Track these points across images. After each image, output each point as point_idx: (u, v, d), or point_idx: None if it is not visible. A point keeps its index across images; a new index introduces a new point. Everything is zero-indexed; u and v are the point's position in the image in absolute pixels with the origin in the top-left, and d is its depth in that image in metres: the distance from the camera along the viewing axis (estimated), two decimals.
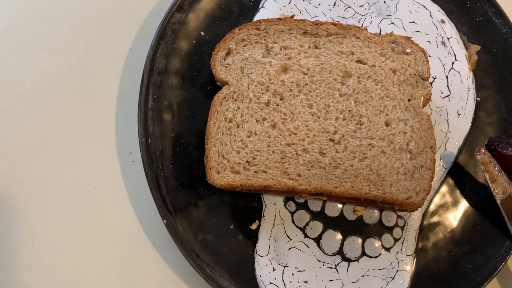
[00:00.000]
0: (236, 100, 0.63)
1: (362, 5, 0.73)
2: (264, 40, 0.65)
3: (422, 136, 0.63)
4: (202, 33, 0.69)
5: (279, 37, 0.65)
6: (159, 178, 0.63)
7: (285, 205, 0.65)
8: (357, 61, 0.65)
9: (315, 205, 0.66)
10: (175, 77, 0.66)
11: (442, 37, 0.73)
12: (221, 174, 0.61)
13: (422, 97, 0.64)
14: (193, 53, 0.68)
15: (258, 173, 0.61)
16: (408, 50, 0.65)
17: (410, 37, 0.67)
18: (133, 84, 0.69)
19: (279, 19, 0.66)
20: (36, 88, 0.69)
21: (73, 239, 0.65)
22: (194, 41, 0.68)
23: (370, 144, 0.63)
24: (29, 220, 0.65)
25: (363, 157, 0.62)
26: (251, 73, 0.64)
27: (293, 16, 0.67)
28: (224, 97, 0.63)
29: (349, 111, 0.63)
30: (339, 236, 0.65)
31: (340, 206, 0.66)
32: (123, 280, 0.64)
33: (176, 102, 0.66)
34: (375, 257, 0.65)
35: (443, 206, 0.68)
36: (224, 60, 0.65)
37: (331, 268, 0.64)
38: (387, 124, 0.64)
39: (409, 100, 0.65)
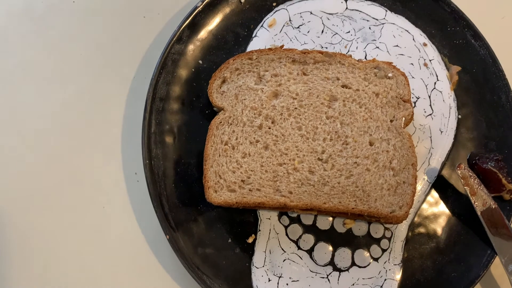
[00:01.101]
0: (231, 124, 0.66)
1: (349, 32, 0.75)
2: (256, 68, 0.68)
3: (404, 154, 0.66)
4: (200, 61, 0.72)
5: (270, 66, 0.68)
6: (162, 197, 0.66)
7: (279, 220, 0.68)
8: (342, 86, 0.68)
9: (307, 219, 0.68)
10: (175, 102, 0.70)
11: (424, 59, 0.75)
12: (218, 193, 0.64)
13: (404, 118, 0.67)
14: (192, 80, 0.71)
15: (253, 191, 0.64)
16: (390, 74, 0.68)
17: (392, 62, 0.69)
18: (136, 110, 0.72)
19: (270, 49, 0.69)
20: (47, 114, 0.73)
21: (83, 254, 0.68)
22: (193, 69, 0.71)
23: (356, 162, 0.66)
24: (42, 237, 0.68)
25: (349, 175, 0.65)
26: (244, 99, 0.67)
27: (282, 46, 0.70)
28: (220, 122, 0.66)
29: (336, 132, 0.66)
30: (330, 248, 0.68)
31: (330, 219, 0.69)
32: None
33: (177, 126, 0.69)
34: (364, 266, 0.67)
35: (428, 218, 0.70)
36: (220, 88, 0.68)
37: (323, 278, 0.66)
38: (371, 144, 0.66)
39: (391, 121, 0.67)
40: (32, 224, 0.69)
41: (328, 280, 0.67)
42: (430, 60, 0.76)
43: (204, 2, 0.72)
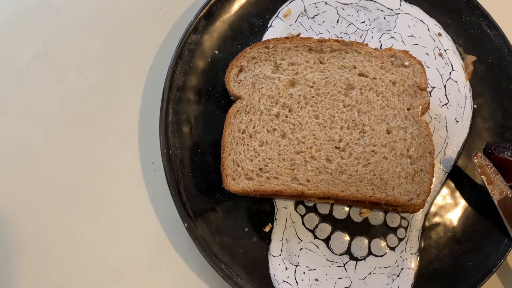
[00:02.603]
0: (248, 112, 0.67)
1: (364, 22, 0.76)
2: (273, 57, 0.69)
3: (421, 142, 0.66)
4: (216, 51, 0.72)
5: (287, 54, 0.68)
6: (179, 186, 0.66)
7: (295, 209, 0.68)
8: (359, 74, 0.68)
9: (324, 208, 0.69)
10: (192, 92, 0.70)
11: (439, 49, 0.76)
12: (236, 181, 0.64)
13: (421, 106, 0.67)
14: (208, 70, 0.71)
15: (270, 179, 0.64)
16: (406, 63, 0.68)
17: (408, 51, 0.69)
18: (153, 100, 0.73)
19: (286, 37, 0.69)
20: (65, 104, 0.73)
21: (102, 242, 0.69)
22: (209, 59, 0.72)
23: (373, 150, 0.66)
24: (61, 225, 0.69)
25: (367, 163, 0.65)
26: (261, 88, 0.68)
27: (299, 34, 0.70)
28: (238, 110, 0.67)
29: (353, 120, 0.67)
30: (346, 237, 0.68)
31: (347, 209, 0.69)
32: (148, 279, 0.67)
33: (194, 116, 0.70)
34: (381, 256, 0.67)
35: (444, 207, 0.70)
36: (237, 77, 0.68)
37: (340, 266, 0.67)
38: (388, 132, 0.67)
39: (408, 109, 0.67)
40: (50, 213, 0.69)
41: (345, 269, 0.67)
42: (445, 50, 0.76)
43: None
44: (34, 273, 0.67)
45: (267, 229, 0.67)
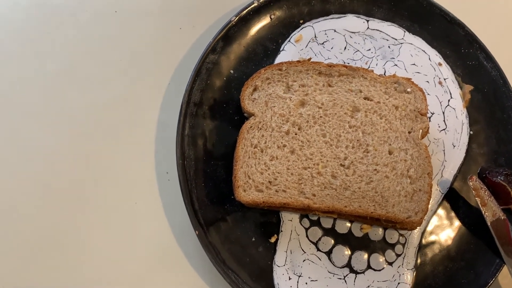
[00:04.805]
0: (260, 129, 0.70)
1: (369, 49, 0.79)
2: (285, 79, 0.72)
3: (420, 164, 0.69)
4: (232, 71, 0.75)
5: (298, 77, 0.72)
6: (192, 195, 0.68)
7: (300, 222, 0.71)
8: (365, 98, 0.72)
9: (327, 223, 0.71)
10: (207, 108, 0.73)
11: (439, 78, 0.79)
12: (247, 192, 0.67)
13: (421, 130, 0.71)
14: (223, 88, 0.74)
15: (279, 192, 0.67)
16: (408, 90, 0.72)
17: (411, 78, 0.73)
18: (170, 113, 0.75)
19: (298, 61, 0.73)
20: (87, 114, 0.75)
21: (116, 247, 0.71)
22: (225, 78, 0.75)
23: (376, 169, 0.69)
24: (77, 229, 0.71)
25: (370, 181, 0.68)
26: (274, 106, 0.71)
27: (310, 59, 0.74)
28: (251, 126, 0.70)
29: (357, 140, 0.70)
30: (347, 251, 0.70)
31: (348, 224, 0.71)
32: (157, 284, 0.69)
33: (208, 130, 0.72)
34: (379, 270, 0.70)
35: (440, 227, 0.73)
36: (251, 95, 0.71)
37: (340, 279, 0.69)
38: (390, 153, 0.70)
39: (409, 132, 0.71)
40: (67, 217, 0.71)
41: (345, 281, 0.69)
42: (444, 79, 0.79)
43: (237, 17, 0.77)
44: (47, 277, 0.69)
45: (272, 240, 0.69)
